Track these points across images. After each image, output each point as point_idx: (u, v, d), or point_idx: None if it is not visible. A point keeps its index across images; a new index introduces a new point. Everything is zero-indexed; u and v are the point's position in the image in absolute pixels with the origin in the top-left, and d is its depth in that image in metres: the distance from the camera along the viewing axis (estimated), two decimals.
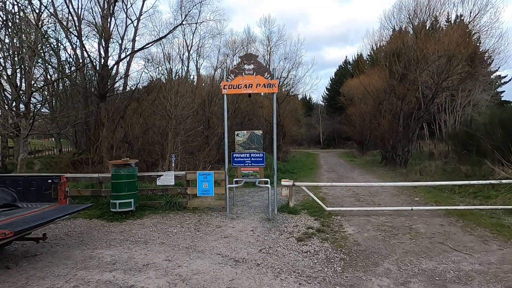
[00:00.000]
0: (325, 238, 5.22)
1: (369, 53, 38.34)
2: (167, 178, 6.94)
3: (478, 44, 15.52)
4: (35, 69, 18.38)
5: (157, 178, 6.98)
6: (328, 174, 14.80)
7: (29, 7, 11.68)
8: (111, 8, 20.16)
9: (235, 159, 8.27)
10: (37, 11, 12.12)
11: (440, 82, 13.70)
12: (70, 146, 23.94)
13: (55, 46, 19.61)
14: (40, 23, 12.49)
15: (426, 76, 14.88)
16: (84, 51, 19.22)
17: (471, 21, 14.57)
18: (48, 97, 16.29)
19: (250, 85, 7.03)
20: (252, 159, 8.37)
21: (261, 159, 8.35)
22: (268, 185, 6.84)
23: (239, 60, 7.15)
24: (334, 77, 48.07)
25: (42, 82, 17.08)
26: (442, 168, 12.22)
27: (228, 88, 7.07)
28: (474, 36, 14.06)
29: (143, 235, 5.30)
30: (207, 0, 25.05)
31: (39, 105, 17.73)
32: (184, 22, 24.82)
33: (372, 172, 15.56)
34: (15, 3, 10.36)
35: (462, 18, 18.75)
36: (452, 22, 19.73)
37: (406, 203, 8.14)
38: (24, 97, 11.52)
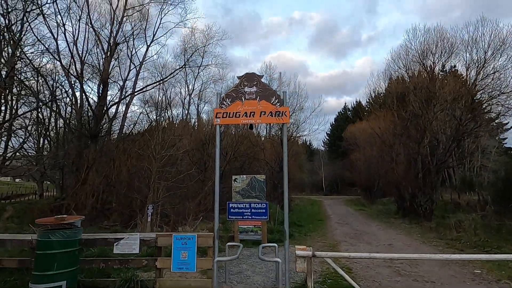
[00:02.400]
0: None
1: (371, 97, 37.66)
2: (129, 244, 4.59)
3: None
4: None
5: (115, 244, 4.63)
6: (341, 228, 12.23)
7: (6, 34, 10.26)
8: (112, 51, 19.33)
9: (232, 210, 6.06)
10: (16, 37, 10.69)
11: (464, 123, 11.87)
12: (55, 190, 21.48)
13: (52, 85, 18.14)
14: (19, 51, 11.01)
15: (446, 117, 13.13)
16: (83, 93, 17.96)
17: (486, 60, 13.18)
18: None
19: (252, 113, 5.02)
20: (253, 210, 6.12)
21: (264, 210, 6.09)
22: (277, 259, 4.47)
23: (238, 81, 5.26)
24: (334, 122, 47.09)
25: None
26: (483, 223, 9.78)
27: (223, 116, 5.06)
28: (495, 75, 12.53)
29: None
30: (209, 46, 24.57)
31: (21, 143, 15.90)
32: (186, 66, 24.06)
33: (392, 225, 12.99)
34: None
35: (455, 68, 17.69)
36: (447, 70, 18.69)
37: (469, 279, 5.64)
38: None
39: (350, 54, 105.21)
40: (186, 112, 30.02)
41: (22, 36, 11.00)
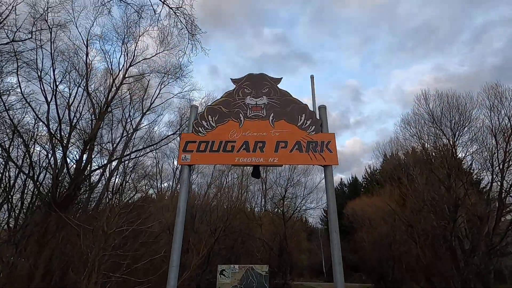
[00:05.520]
0: None
1: (370, 172, 35.48)
2: None
3: None
4: None
5: None
6: None
7: None
8: (102, 114, 17.55)
9: None
10: None
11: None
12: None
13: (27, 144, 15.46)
14: None
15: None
16: (65, 157, 15.38)
17: None
18: None
19: (261, 145, 2.35)
20: None
21: None
22: None
23: (234, 86, 2.71)
24: None
25: None
26: None
27: (198, 149, 2.36)
28: None
29: None
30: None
31: None
32: (180, 133, 22.21)
33: None
34: None
35: (446, 146, 16.02)
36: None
37: None
38: None
39: (340, 134, 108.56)
40: (177, 182, 27.11)
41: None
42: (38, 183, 15.78)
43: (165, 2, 8.23)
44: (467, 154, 11.79)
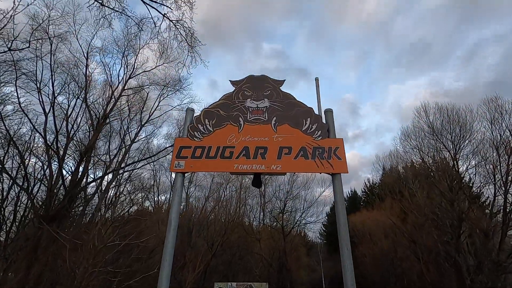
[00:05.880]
0: None
1: (370, 186, 35.09)
2: None
3: None
4: None
5: None
6: None
7: None
8: (100, 125, 17.34)
9: None
10: None
11: None
12: None
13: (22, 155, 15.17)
14: None
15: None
16: (61, 169, 15.01)
17: None
18: None
19: (262, 151, 2.14)
20: None
21: None
22: None
23: (234, 88, 2.53)
24: (330, 212, 43.06)
25: None
26: None
27: (193, 156, 2.14)
28: None
29: None
30: None
31: None
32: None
33: None
34: None
35: (447, 159, 15.89)
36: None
37: None
38: None
39: None
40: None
41: None
42: (32, 195, 15.31)
43: (165, 15, 8.19)
44: (469, 167, 11.60)
